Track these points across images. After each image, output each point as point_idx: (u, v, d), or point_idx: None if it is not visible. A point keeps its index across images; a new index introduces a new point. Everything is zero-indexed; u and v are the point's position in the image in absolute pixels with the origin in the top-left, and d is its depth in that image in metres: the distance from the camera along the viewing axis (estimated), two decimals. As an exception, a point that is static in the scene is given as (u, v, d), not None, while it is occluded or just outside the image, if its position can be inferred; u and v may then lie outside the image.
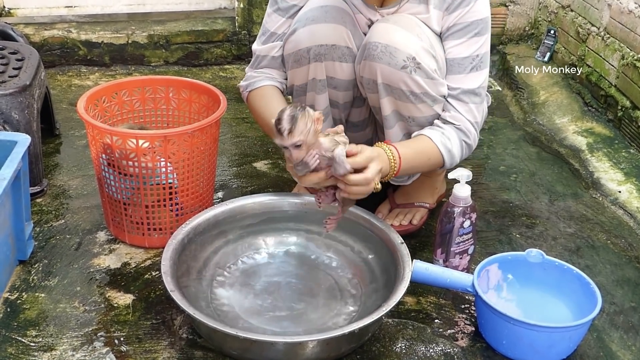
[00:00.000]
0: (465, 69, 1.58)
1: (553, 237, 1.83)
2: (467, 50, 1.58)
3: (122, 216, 1.68)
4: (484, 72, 1.61)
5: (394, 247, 1.50)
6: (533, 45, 2.94)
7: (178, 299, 1.32)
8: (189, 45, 2.87)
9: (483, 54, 1.59)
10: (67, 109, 2.43)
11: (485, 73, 1.61)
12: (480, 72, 1.60)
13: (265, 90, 1.68)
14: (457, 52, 1.58)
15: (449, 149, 1.58)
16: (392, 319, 1.50)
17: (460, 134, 1.60)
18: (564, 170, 2.17)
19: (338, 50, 1.60)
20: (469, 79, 1.59)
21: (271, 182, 2.03)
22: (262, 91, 1.68)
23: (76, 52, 2.79)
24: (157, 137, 1.58)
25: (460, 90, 1.59)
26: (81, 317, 1.48)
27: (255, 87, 1.69)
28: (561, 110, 2.50)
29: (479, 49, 1.58)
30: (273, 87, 1.69)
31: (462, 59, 1.58)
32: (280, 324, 1.45)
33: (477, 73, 1.59)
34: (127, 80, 1.85)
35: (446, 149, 1.57)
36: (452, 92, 1.59)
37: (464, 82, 1.59)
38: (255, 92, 1.69)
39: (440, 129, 1.59)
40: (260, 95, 1.68)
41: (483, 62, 1.60)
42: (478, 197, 1.97)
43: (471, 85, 1.59)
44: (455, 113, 1.59)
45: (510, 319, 1.35)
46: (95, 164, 1.68)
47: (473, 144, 1.64)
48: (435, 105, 1.59)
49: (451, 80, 1.59)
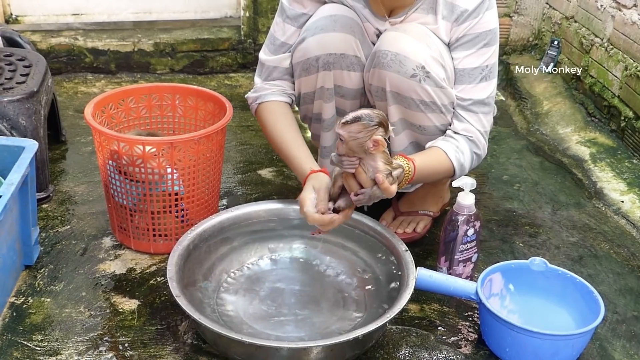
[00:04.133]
0: (475, 79, 1.59)
1: (556, 246, 1.84)
2: (476, 61, 1.59)
3: (128, 222, 1.69)
4: (493, 82, 1.62)
5: (398, 255, 1.50)
6: (537, 55, 2.95)
7: (184, 304, 1.32)
8: (194, 53, 2.89)
9: (492, 64, 1.61)
10: (73, 116, 2.45)
11: (494, 83, 1.62)
12: (490, 83, 1.61)
13: (276, 107, 1.68)
14: (466, 62, 1.59)
15: (461, 162, 1.59)
16: (396, 326, 1.50)
17: (472, 146, 1.61)
18: (567, 179, 2.18)
19: (347, 59, 1.61)
20: (479, 89, 1.60)
21: (276, 190, 2.04)
22: (272, 107, 1.68)
23: (82, 60, 2.81)
24: (164, 143, 1.59)
25: (471, 101, 1.60)
26: (86, 322, 1.48)
27: (265, 101, 1.69)
28: (564, 120, 2.51)
29: (488, 59, 1.59)
30: (283, 103, 1.69)
31: (471, 69, 1.59)
32: (284, 329, 1.46)
33: (486, 83, 1.60)
34: (134, 87, 1.86)
35: (459, 162, 1.59)
36: (463, 102, 1.60)
37: (474, 93, 1.60)
38: (265, 106, 1.69)
39: (454, 142, 1.60)
40: (270, 111, 1.68)
41: (492, 72, 1.61)
42: (482, 206, 1.98)
43: (481, 95, 1.60)
44: (466, 124, 1.60)
45: (513, 326, 1.36)
46: (102, 170, 1.69)
47: (482, 153, 1.65)
48: (444, 114, 1.60)
49: (461, 91, 1.60)
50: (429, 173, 1.57)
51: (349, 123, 1.34)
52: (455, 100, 1.61)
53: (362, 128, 1.34)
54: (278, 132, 1.64)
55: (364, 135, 1.34)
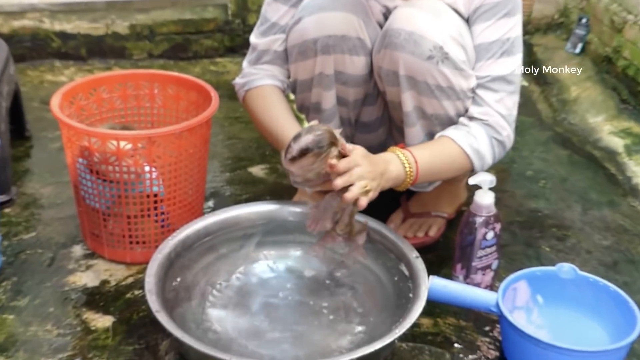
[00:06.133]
0: (494, 54, 1.58)
1: (587, 251, 1.83)
2: (496, 33, 1.58)
3: (100, 228, 1.68)
4: (517, 57, 1.61)
5: (409, 262, 1.50)
6: (563, 35, 2.95)
7: (164, 320, 1.32)
8: (175, 36, 2.89)
9: (514, 37, 1.59)
10: (38, 108, 2.44)
11: (518, 59, 1.61)
12: (513, 58, 1.60)
13: (266, 91, 1.68)
14: (485, 36, 1.58)
15: (475, 149, 1.57)
16: (406, 343, 1.50)
17: (490, 130, 1.59)
18: (598, 175, 2.18)
19: (348, 41, 1.60)
20: (499, 64, 1.58)
21: (269, 189, 2.03)
22: (262, 91, 1.69)
23: (49, 45, 2.81)
24: (141, 138, 1.59)
25: (489, 77, 1.58)
26: (55, 342, 1.48)
27: (254, 86, 1.70)
28: (595, 108, 2.51)
29: (509, 32, 1.58)
30: (274, 87, 1.69)
31: (490, 43, 1.58)
32: (279, 347, 1.45)
33: (508, 58, 1.59)
34: (107, 75, 1.86)
35: (473, 149, 1.57)
36: (481, 80, 1.59)
37: (493, 69, 1.58)
38: (254, 91, 1.70)
39: (464, 127, 1.59)
40: (260, 95, 1.68)
41: (515, 46, 1.60)
42: (502, 205, 1.97)
43: (502, 71, 1.59)
44: (484, 107, 1.59)
45: (539, 342, 1.35)
46: (71, 169, 1.68)
47: (507, 141, 1.62)
48: (462, 102, 1.59)
49: (479, 69, 1.59)
50: (438, 164, 1.55)
51: (297, 158, 1.34)
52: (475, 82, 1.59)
53: (314, 159, 1.34)
54: (270, 119, 1.63)
55: (318, 165, 1.35)
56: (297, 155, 1.34)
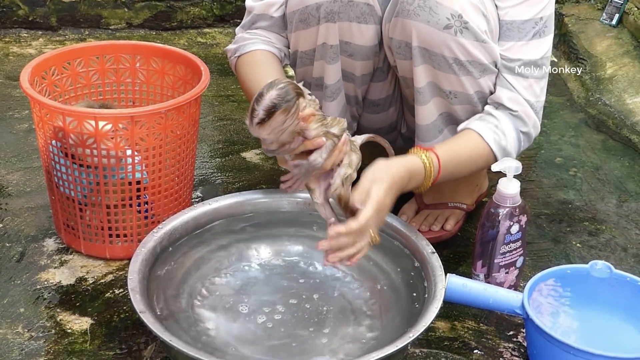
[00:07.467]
0: (526, 35, 1.60)
1: (623, 247, 1.85)
2: (529, 11, 1.59)
3: (76, 219, 1.69)
4: (548, 39, 1.63)
5: (423, 259, 1.51)
6: (598, 4, 2.95)
7: (150, 322, 1.33)
8: (158, 2, 2.88)
9: (547, 16, 1.61)
10: (3, 84, 2.45)
11: (549, 40, 1.63)
12: (544, 40, 1.62)
13: (259, 56, 1.70)
14: (515, 13, 1.59)
15: (503, 147, 1.60)
16: (420, 349, 1.51)
17: (518, 123, 1.62)
18: (636, 163, 2.19)
19: (356, 7, 1.61)
20: (531, 47, 1.60)
21: (264, 177, 2.04)
22: (254, 56, 1.70)
23: (15, 12, 2.80)
24: (122, 117, 1.59)
25: (520, 62, 1.60)
26: (26, 346, 1.49)
27: (245, 52, 1.71)
28: (633, 87, 2.51)
29: (543, 10, 1.60)
30: (268, 52, 1.71)
31: (522, 22, 1.59)
32: (278, 354, 1.46)
33: (540, 40, 1.61)
34: (82, 46, 1.86)
35: (500, 147, 1.60)
36: (510, 64, 1.61)
37: (524, 52, 1.60)
38: (246, 57, 1.71)
39: (493, 120, 1.61)
40: (251, 61, 1.70)
41: (547, 26, 1.62)
42: (528, 196, 1.99)
43: (533, 55, 1.61)
44: (512, 93, 1.61)
45: (570, 348, 1.36)
46: (43, 153, 1.69)
47: (533, 131, 1.65)
48: (483, 77, 1.60)
49: (508, 50, 1.61)
50: (461, 165, 1.58)
51: (265, 120, 1.33)
52: (500, 60, 1.61)
53: (284, 116, 1.33)
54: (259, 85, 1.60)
55: (290, 122, 1.34)
56: (265, 117, 1.32)
